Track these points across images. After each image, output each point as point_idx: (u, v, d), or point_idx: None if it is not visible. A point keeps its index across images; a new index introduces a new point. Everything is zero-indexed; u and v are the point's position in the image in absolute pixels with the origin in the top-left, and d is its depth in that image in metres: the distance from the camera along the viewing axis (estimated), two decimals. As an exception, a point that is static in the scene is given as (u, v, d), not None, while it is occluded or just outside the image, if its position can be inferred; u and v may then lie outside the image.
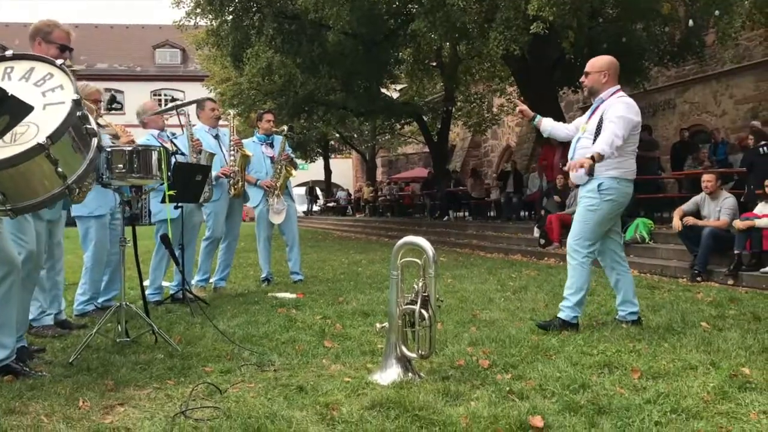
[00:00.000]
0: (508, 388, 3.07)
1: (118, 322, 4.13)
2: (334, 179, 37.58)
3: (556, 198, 11.32)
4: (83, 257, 5.35)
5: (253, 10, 14.98)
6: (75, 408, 2.88)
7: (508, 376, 3.33)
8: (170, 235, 4.90)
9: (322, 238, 18.97)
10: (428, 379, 3.27)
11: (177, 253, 5.30)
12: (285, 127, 7.34)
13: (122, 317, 4.05)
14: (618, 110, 4.31)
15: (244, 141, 7.00)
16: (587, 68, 4.59)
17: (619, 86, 4.55)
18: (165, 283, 6.16)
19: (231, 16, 15.43)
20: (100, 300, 5.43)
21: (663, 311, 5.13)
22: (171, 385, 3.23)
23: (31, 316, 4.44)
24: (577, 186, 4.71)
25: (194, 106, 6.02)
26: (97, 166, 3.87)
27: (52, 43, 3.84)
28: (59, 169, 2.90)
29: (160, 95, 40.39)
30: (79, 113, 3.00)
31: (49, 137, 2.80)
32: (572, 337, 4.15)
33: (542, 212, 11.66)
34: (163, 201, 4.98)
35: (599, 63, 4.57)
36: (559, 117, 14.01)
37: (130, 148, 3.91)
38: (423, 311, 3.32)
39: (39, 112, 2.83)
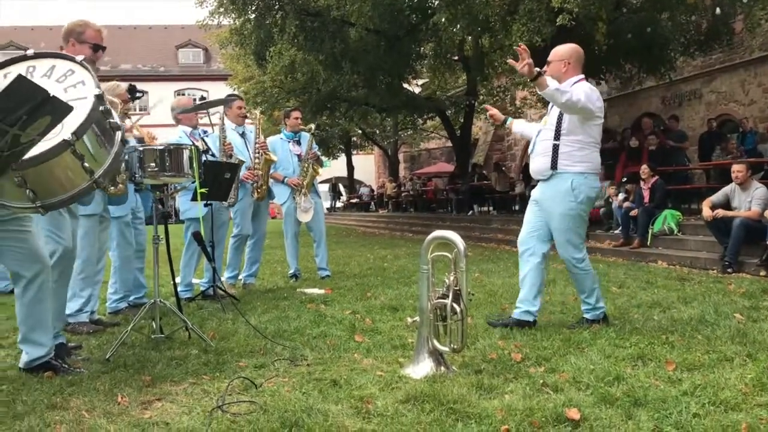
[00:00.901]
0: (542, 381, 3.07)
1: (152, 319, 4.18)
2: (356, 175, 37.62)
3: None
4: (110, 257, 5.42)
5: (276, 8, 15.04)
6: (114, 403, 2.92)
7: (542, 369, 3.32)
8: (203, 233, 4.94)
9: (346, 234, 19.03)
10: (461, 373, 3.28)
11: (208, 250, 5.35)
12: (312, 126, 7.37)
13: (156, 314, 4.10)
14: (582, 87, 4.14)
15: (270, 138, 7.07)
16: (549, 57, 4.38)
17: (582, 76, 4.31)
18: (194, 280, 6.22)
19: (254, 15, 15.52)
20: (131, 297, 5.50)
21: (695, 303, 5.08)
22: (207, 380, 3.27)
23: (69, 311, 4.53)
24: (540, 180, 4.42)
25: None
26: (129, 165, 3.93)
27: (85, 43, 3.88)
28: (85, 164, 2.92)
29: (184, 95, 40.74)
30: (101, 108, 3.02)
31: (73, 133, 2.83)
32: (604, 330, 4.12)
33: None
34: (193, 199, 5.03)
35: (561, 51, 4.36)
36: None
37: (161, 147, 3.96)
38: (455, 305, 3.33)
39: None
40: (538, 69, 3.94)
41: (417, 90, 22.14)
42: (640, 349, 3.62)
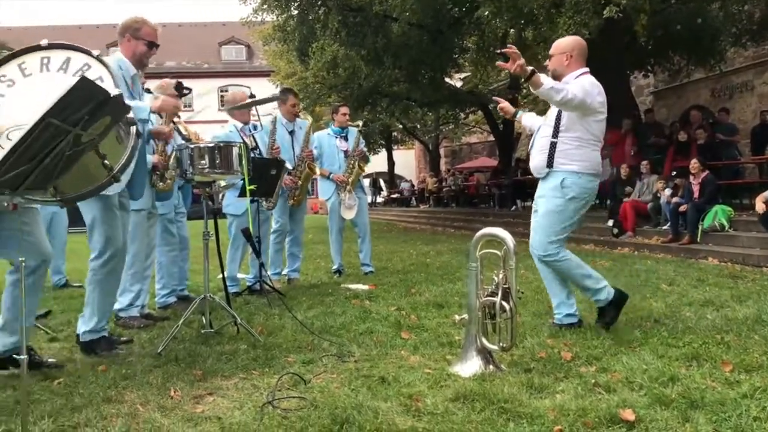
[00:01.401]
0: (593, 381, 3.02)
1: (201, 314, 4.24)
2: (397, 170, 37.61)
3: (627, 189, 11.06)
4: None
5: (318, 4, 15.12)
6: (167, 397, 2.98)
7: (593, 368, 3.26)
8: (251, 229, 4.99)
9: (387, 229, 19.03)
10: (510, 372, 3.25)
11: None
12: (360, 123, 7.37)
13: (206, 309, 4.16)
14: (581, 82, 3.98)
15: (318, 133, 7.10)
16: (551, 50, 4.21)
17: (586, 69, 4.11)
18: (240, 275, 6.29)
19: (297, 11, 15.64)
20: (178, 289, 5.60)
21: (749, 302, 4.94)
22: (256, 375, 3.31)
23: (120, 306, 4.63)
24: (539, 179, 4.26)
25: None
26: (181, 162, 3.99)
27: (140, 40, 3.93)
28: (106, 162, 2.90)
29: (227, 91, 41.19)
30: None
31: (100, 134, 2.84)
32: (656, 329, 4.04)
33: (615, 200, 11.37)
34: (241, 195, 5.09)
35: (562, 44, 4.18)
36: (630, 102, 13.62)
37: (212, 145, 4.01)
38: (504, 303, 3.30)
39: None
40: (530, 67, 3.81)
41: (458, 84, 21.98)
42: (694, 349, 3.53)
